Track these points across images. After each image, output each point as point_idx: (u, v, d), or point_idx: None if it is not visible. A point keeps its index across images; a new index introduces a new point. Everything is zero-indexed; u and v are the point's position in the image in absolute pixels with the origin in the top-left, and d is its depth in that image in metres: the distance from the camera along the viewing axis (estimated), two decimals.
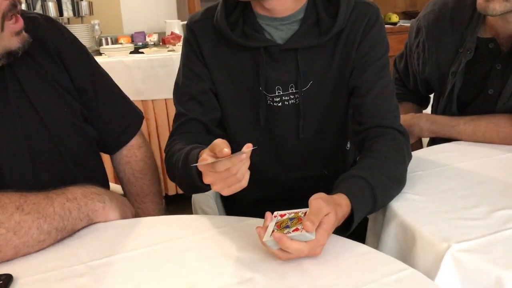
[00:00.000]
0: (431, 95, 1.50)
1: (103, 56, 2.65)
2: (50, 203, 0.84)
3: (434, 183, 0.99)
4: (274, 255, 0.75)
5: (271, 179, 1.14)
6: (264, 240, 0.75)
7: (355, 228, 0.84)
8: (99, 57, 2.61)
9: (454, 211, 0.87)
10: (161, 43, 3.01)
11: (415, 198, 0.93)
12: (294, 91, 1.05)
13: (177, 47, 2.68)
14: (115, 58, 2.54)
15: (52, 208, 0.84)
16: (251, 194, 1.15)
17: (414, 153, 1.09)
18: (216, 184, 0.77)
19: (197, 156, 0.85)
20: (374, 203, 0.87)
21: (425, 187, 0.97)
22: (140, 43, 3.02)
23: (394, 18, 3.66)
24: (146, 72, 2.51)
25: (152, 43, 3.04)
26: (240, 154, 0.71)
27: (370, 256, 0.77)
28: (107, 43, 2.97)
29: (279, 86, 1.05)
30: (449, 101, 1.32)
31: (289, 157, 1.12)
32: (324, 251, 0.76)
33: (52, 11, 2.79)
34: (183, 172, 0.91)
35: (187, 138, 1.04)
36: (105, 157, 1.19)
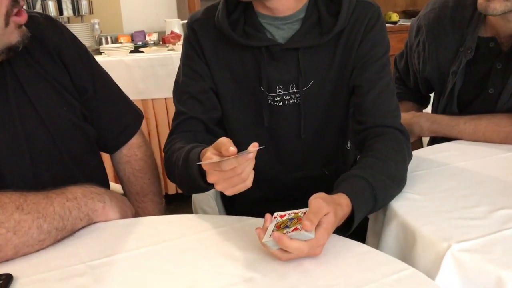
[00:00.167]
0: (431, 94, 1.50)
1: (103, 55, 2.64)
2: (50, 202, 0.84)
3: (435, 183, 0.99)
4: (274, 255, 0.75)
5: (271, 179, 1.14)
6: (263, 241, 0.74)
7: (355, 228, 0.84)
8: (99, 56, 2.60)
9: (454, 211, 0.87)
10: (161, 42, 3.00)
11: (415, 197, 0.93)
12: (295, 90, 1.05)
13: (177, 46, 2.68)
14: (115, 57, 2.54)
15: (52, 207, 0.83)
16: (251, 194, 1.15)
17: (414, 152, 1.08)
18: (219, 184, 0.76)
19: (198, 155, 0.84)
20: (375, 203, 0.87)
21: (425, 187, 0.97)
22: (140, 42, 3.02)
23: (394, 17, 3.66)
24: (146, 71, 2.51)
25: (152, 42, 3.04)
26: (246, 153, 0.70)
27: (370, 256, 0.77)
28: (107, 42, 2.97)
29: (280, 86, 1.05)
30: (449, 100, 1.32)
31: (289, 156, 1.12)
32: (324, 251, 0.76)
33: (52, 10, 2.79)
34: (183, 171, 0.90)
35: (187, 137, 1.03)
36: (105, 156, 1.19)
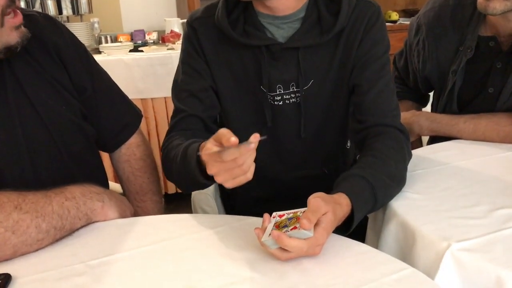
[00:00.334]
0: (431, 93, 1.50)
1: (102, 55, 2.64)
2: (48, 202, 0.84)
3: (434, 182, 0.99)
4: (273, 255, 0.75)
5: (271, 178, 1.13)
6: (262, 240, 0.74)
7: (354, 227, 0.83)
8: (98, 55, 2.60)
9: (454, 210, 0.87)
10: (160, 41, 3.00)
11: (415, 197, 0.93)
12: (295, 90, 1.05)
13: (176, 45, 2.67)
14: (115, 56, 2.54)
15: (51, 207, 0.83)
16: (251, 193, 1.15)
17: (414, 151, 1.08)
18: (220, 175, 0.74)
19: (197, 149, 0.83)
20: (375, 202, 0.87)
21: (425, 186, 0.97)
22: (140, 42, 3.02)
23: (394, 16, 3.65)
24: (146, 71, 2.51)
25: (151, 41, 3.03)
26: (248, 143, 0.69)
27: (370, 255, 0.77)
28: (106, 42, 2.97)
29: (280, 85, 1.05)
30: (449, 99, 1.32)
31: (289, 156, 1.12)
32: (323, 250, 0.76)
33: (51, 9, 2.78)
34: (181, 166, 0.89)
35: (186, 135, 1.02)
36: (104, 155, 1.19)
